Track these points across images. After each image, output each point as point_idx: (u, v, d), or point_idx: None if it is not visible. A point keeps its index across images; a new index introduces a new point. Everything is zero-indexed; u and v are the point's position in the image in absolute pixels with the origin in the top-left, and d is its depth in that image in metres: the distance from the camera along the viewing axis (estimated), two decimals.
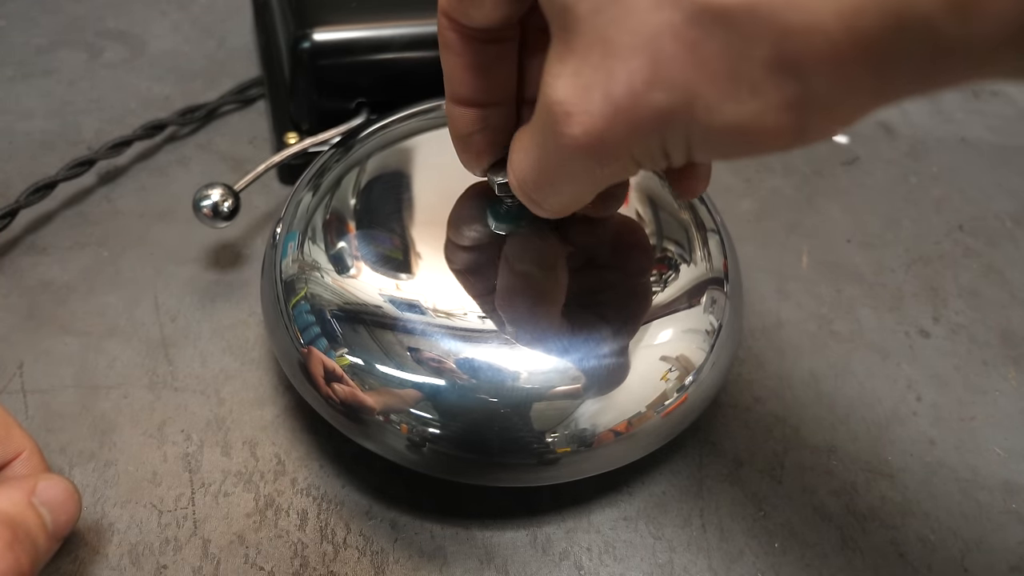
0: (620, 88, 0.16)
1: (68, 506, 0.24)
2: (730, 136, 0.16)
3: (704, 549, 0.28)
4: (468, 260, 0.27)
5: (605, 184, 0.20)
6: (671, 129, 0.17)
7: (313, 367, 0.26)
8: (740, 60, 0.15)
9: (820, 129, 0.16)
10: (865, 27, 0.14)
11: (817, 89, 0.15)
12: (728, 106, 0.16)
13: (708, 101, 0.16)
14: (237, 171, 0.40)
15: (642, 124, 0.17)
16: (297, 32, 0.35)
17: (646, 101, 0.16)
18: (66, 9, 0.48)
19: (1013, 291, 0.38)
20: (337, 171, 0.30)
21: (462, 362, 0.25)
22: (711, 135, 0.16)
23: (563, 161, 0.19)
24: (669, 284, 0.27)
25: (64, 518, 0.24)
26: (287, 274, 0.27)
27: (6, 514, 0.22)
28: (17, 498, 0.23)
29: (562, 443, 0.25)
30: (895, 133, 0.46)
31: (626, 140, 0.17)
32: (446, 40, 0.22)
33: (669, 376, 0.26)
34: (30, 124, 0.41)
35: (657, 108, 0.16)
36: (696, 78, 0.15)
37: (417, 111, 0.32)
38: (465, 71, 0.23)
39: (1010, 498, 0.30)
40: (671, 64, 0.16)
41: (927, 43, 0.14)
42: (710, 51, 0.15)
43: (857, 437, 0.32)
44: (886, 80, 0.14)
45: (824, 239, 0.40)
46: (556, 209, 0.22)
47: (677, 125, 0.16)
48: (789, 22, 0.14)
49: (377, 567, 0.27)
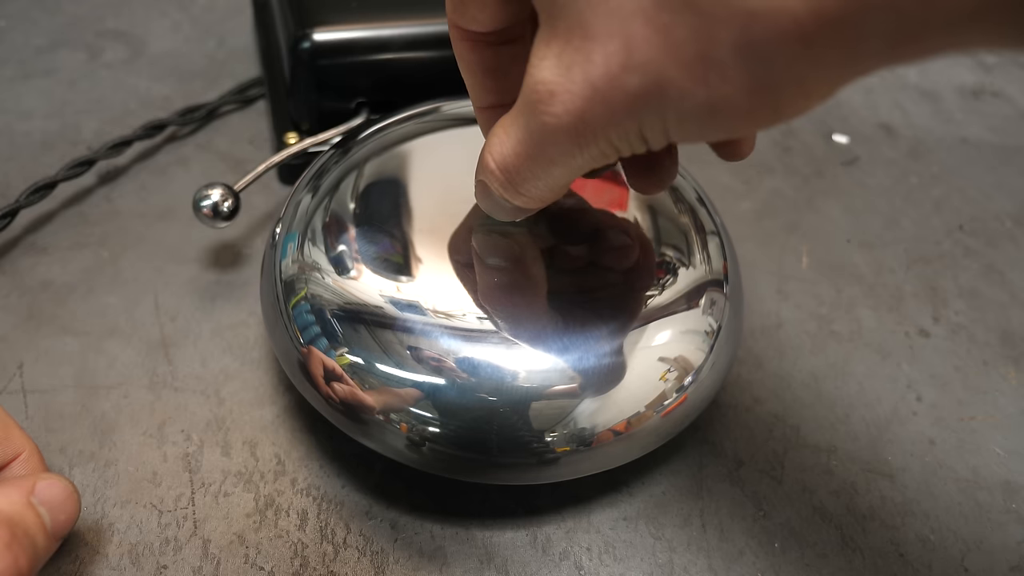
0: (598, 70, 0.17)
1: (67, 506, 0.24)
2: (704, 118, 0.16)
3: (704, 549, 0.28)
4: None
5: (584, 170, 0.20)
6: (647, 112, 0.17)
7: (313, 367, 0.26)
8: (709, 44, 0.15)
9: (794, 107, 0.16)
10: (830, 7, 0.14)
11: (786, 69, 0.15)
12: (700, 89, 0.16)
13: (680, 85, 0.16)
14: (237, 171, 0.40)
15: (619, 106, 0.17)
16: (297, 32, 0.35)
17: (621, 84, 0.17)
18: (66, 9, 0.48)
19: (1013, 291, 0.38)
20: (337, 171, 0.30)
21: (461, 361, 0.25)
22: (686, 118, 0.17)
23: (544, 143, 0.19)
24: (669, 286, 0.27)
25: (63, 517, 0.24)
26: (287, 274, 0.27)
27: (4, 514, 0.22)
28: (16, 498, 0.23)
29: (561, 442, 0.25)
30: (895, 133, 0.46)
31: (604, 122, 0.18)
32: (459, 49, 0.23)
33: (668, 376, 0.26)
34: (30, 124, 0.41)
35: (632, 91, 0.17)
36: (667, 62, 0.16)
37: (417, 112, 0.32)
38: (483, 76, 0.23)
39: (1010, 498, 0.30)
40: (643, 48, 0.16)
41: (891, 20, 0.14)
42: (680, 35, 0.15)
43: (857, 437, 0.32)
44: (855, 56, 0.15)
45: (824, 239, 0.40)
46: (533, 196, 0.22)
47: (652, 108, 0.17)
48: (755, 5, 0.14)
49: (377, 567, 0.27)
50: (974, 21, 0.13)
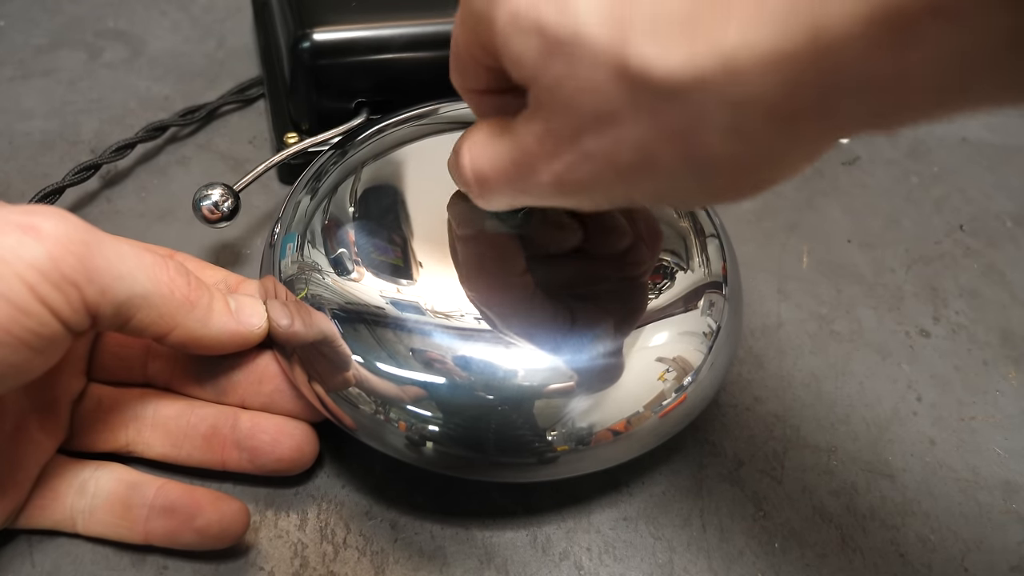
0: (597, 149, 0.17)
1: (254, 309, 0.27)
2: (692, 188, 0.18)
3: (704, 549, 0.28)
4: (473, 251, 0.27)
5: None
6: (638, 181, 0.18)
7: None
8: (698, 126, 0.16)
9: (771, 182, 0.18)
10: (806, 93, 0.14)
11: (768, 145, 0.16)
12: (687, 164, 0.17)
13: (669, 161, 0.17)
14: (237, 171, 0.40)
15: (610, 178, 0.18)
16: (297, 32, 0.35)
17: (615, 159, 0.17)
18: (66, 9, 0.48)
19: (1013, 291, 0.38)
20: (336, 172, 0.30)
21: (461, 360, 0.25)
22: (675, 188, 0.18)
23: (527, 184, 0.20)
24: (668, 288, 0.27)
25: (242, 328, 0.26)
26: (286, 274, 0.27)
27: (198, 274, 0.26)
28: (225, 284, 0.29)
29: (560, 441, 0.25)
30: (895, 133, 0.46)
31: (592, 187, 0.19)
32: (466, 98, 0.23)
33: (667, 377, 0.26)
34: (30, 124, 0.41)
35: (625, 164, 0.17)
36: (657, 139, 0.17)
37: (417, 113, 0.32)
38: (490, 112, 0.23)
39: (1010, 498, 0.30)
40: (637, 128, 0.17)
41: (868, 101, 0.14)
42: (672, 122, 0.16)
43: (857, 437, 0.32)
44: (836, 129, 0.16)
45: (824, 239, 0.40)
46: (501, 207, 0.23)
47: (643, 178, 0.18)
48: (735, 94, 0.15)
49: (377, 567, 0.27)
50: (965, 89, 0.14)
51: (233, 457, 0.27)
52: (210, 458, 0.27)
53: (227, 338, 0.26)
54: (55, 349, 0.22)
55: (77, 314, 0.21)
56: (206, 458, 0.27)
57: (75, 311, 0.21)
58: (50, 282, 0.20)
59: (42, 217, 0.21)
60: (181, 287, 0.24)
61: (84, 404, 0.27)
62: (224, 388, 0.28)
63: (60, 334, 0.21)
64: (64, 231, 0.21)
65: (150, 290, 0.23)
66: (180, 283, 0.24)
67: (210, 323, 0.25)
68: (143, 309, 0.23)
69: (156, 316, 0.23)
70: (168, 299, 0.23)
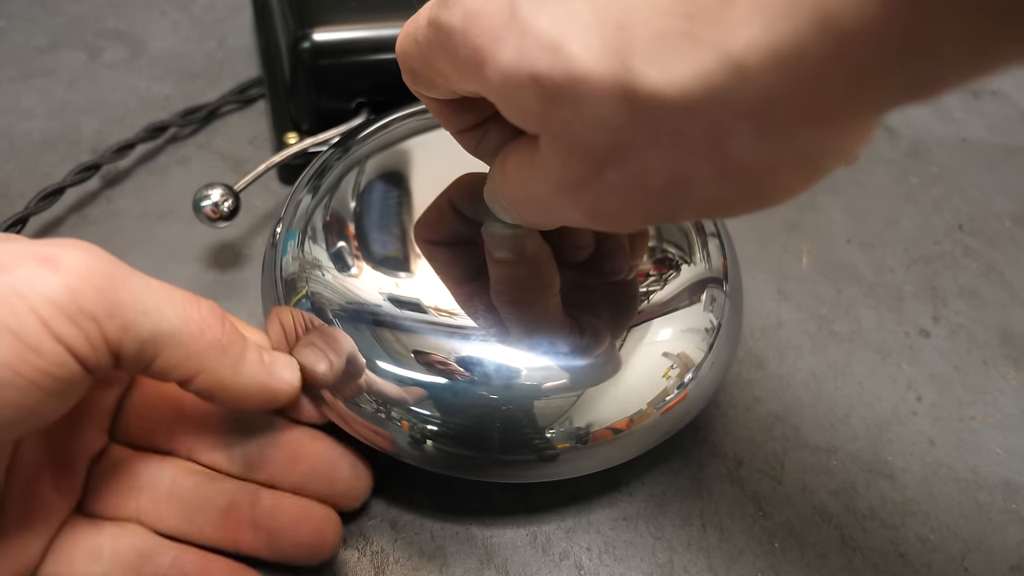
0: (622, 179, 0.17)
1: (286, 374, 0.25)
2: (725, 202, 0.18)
3: (704, 549, 0.28)
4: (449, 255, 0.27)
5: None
6: (669, 199, 0.18)
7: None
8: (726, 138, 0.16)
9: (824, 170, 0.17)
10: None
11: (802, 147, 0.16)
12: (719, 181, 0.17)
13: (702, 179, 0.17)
14: (237, 171, 0.40)
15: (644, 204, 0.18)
16: (297, 32, 0.35)
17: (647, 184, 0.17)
18: (66, 9, 0.48)
19: (1013, 291, 0.38)
20: (337, 170, 0.30)
21: (462, 359, 0.25)
22: (709, 203, 0.18)
23: (559, 213, 0.20)
24: (668, 284, 0.27)
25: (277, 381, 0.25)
26: (288, 272, 0.27)
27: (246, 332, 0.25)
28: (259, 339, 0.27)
29: (561, 439, 0.25)
30: (895, 133, 0.46)
31: (628, 214, 0.19)
32: (419, 96, 0.23)
33: (670, 373, 0.26)
34: (30, 124, 0.41)
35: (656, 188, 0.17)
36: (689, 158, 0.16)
37: (417, 110, 0.32)
38: (448, 113, 0.23)
39: (1010, 498, 0.30)
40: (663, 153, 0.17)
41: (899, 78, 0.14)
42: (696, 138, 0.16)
43: (857, 437, 0.32)
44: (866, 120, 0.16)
45: (824, 239, 0.40)
46: (536, 225, 0.23)
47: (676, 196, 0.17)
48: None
49: (377, 567, 0.27)
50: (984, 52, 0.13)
51: (247, 538, 0.25)
52: (223, 536, 0.25)
53: (256, 390, 0.24)
54: (72, 391, 0.20)
55: (97, 352, 0.20)
56: (218, 536, 0.25)
57: (94, 348, 0.20)
58: (67, 316, 0.19)
59: (64, 249, 0.20)
60: (213, 328, 0.22)
61: (101, 464, 0.25)
62: (253, 463, 0.26)
63: (77, 374, 0.19)
64: (85, 262, 0.20)
65: (178, 328, 0.21)
66: (212, 323, 0.22)
67: (241, 371, 0.23)
68: (169, 348, 0.21)
69: (183, 356, 0.21)
70: (197, 339, 0.22)
